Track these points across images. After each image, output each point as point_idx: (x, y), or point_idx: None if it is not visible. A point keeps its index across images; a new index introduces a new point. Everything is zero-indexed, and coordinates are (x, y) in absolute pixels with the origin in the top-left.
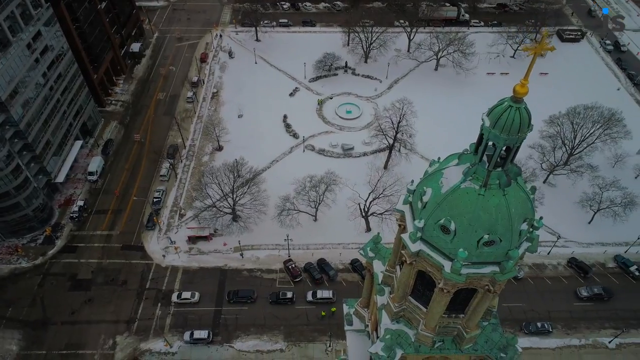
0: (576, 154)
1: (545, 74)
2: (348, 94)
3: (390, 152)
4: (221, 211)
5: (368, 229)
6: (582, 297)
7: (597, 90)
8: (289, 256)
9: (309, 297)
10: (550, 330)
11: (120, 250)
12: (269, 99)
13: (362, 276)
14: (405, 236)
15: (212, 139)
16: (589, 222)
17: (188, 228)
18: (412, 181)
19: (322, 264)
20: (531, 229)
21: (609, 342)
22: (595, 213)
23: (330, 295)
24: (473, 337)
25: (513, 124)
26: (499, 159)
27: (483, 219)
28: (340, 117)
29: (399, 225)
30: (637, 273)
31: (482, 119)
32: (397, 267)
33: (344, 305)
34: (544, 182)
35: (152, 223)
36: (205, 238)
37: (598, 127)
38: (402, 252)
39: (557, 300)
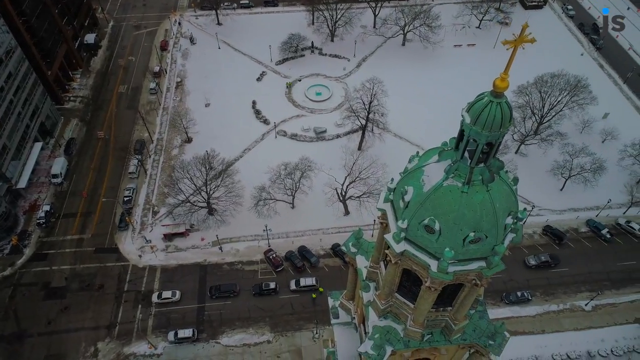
0: (545, 122)
1: None
2: (317, 75)
3: (363, 133)
4: (196, 206)
5: (347, 213)
6: (531, 266)
7: (562, 56)
8: (269, 246)
9: (293, 286)
10: (530, 298)
11: (94, 253)
12: (235, 85)
13: (344, 261)
14: (388, 237)
15: (180, 131)
16: (561, 189)
17: (163, 225)
18: (392, 179)
19: (303, 251)
20: (515, 221)
21: (586, 305)
22: (566, 180)
23: (314, 282)
24: (462, 328)
25: (495, 120)
26: (481, 154)
27: (468, 217)
28: (310, 99)
29: (381, 224)
30: (608, 236)
31: (462, 115)
32: (382, 263)
33: (329, 298)
34: (516, 152)
35: (124, 223)
36: (181, 234)
37: (565, 94)
38: (387, 251)
39: (535, 268)
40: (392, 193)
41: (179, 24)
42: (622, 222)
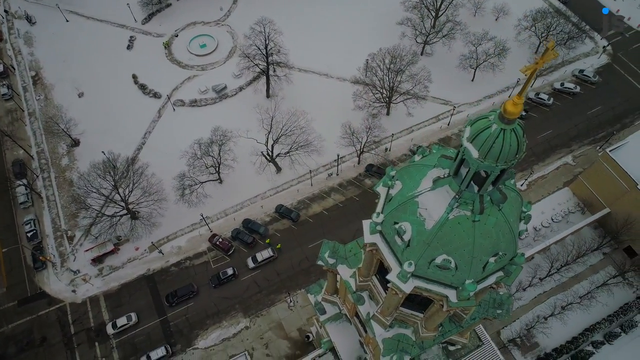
0: (441, 15)
1: None
2: (193, 24)
3: (267, 79)
4: (115, 217)
5: (279, 170)
6: None
7: None
8: (211, 231)
9: (251, 264)
10: None
11: (19, 307)
12: (104, 61)
13: (292, 219)
14: (392, 278)
15: (61, 136)
16: (472, 80)
17: (86, 251)
18: (378, 214)
19: (248, 224)
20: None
21: (522, 185)
22: (475, 70)
23: (271, 253)
24: (471, 313)
25: (510, 150)
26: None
27: (485, 245)
28: (196, 55)
29: (370, 250)
30: (524, 113)
31: (465, 147)
32: (374, 278)
33: (309, 295)
34: (422, 54)
35: (40, 262)
36: (111, 253)
37: None
38: (390, 286)
39: None
40: (379, 225)
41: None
42: (532, 95)
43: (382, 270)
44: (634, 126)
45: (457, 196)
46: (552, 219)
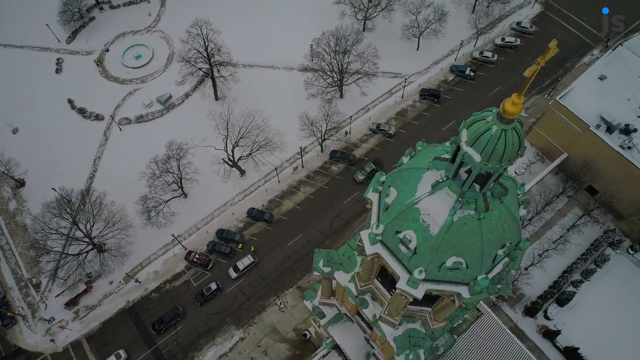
0: None
1: None
2: (122, 35)
3: (213, 82)
4: (81, 254)
5: (242, 173)
6: None
7: None
8: (186, 249)
9: (233, 274)
10: None
11: None
12: (34, 89)
13: (266, 220)
14: (402, 285)
15: (3, 179)
16: (417, 49)
17: (56, 296)
18: (378, 225)
19: (223, 234)
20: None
21: None
22: (419, 39)
23: (252, 259)
24: None
25: (513, 148)
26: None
27: (493, 240)
28: (132, 67)
29: (372, 259)
30: (472, 74)
31: (466, 152)
32: (376, 281)
33: (305, 301)
34: (364, 30)
35: (8, 318)
36: (84, 292)
37: None
38: (398, 292)
39: (431, 133)
40: (379, 236)
41: None
42: (477, 54)
43: (383, 273)
44: (575, 70)
45: (459, 198)
46: (516, 172)
